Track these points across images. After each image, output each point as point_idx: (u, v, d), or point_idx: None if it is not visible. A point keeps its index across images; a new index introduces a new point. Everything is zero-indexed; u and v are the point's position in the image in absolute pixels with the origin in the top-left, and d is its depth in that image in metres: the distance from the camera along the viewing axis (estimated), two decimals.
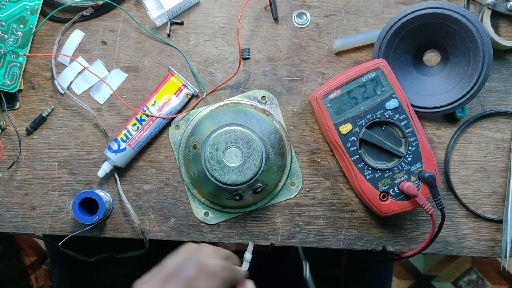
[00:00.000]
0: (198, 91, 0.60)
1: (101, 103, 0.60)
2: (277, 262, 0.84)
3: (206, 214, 0.60)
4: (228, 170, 0.54)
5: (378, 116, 0.55)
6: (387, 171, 0.55)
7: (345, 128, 0.55)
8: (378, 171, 0.55)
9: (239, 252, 0.50)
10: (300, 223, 0.60)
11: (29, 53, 0.59)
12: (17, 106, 0.60)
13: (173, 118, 0.60)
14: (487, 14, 0.57)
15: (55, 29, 0.60)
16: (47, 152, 0.60)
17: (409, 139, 0.55)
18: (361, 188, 0.55)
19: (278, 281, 0.81)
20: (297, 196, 0.60)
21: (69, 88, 0.60)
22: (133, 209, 0.59)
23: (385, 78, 0.54)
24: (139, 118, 0.58)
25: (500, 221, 0.60)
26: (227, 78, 0.59)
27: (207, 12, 0.60)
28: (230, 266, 0.46)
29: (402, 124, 0.55)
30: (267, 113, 0.59)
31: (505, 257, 0.59)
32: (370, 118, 0.55)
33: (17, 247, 1.39)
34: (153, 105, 0.58)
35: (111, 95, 0.60)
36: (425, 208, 0.54)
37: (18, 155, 0.60)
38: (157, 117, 0.58)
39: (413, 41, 0.57)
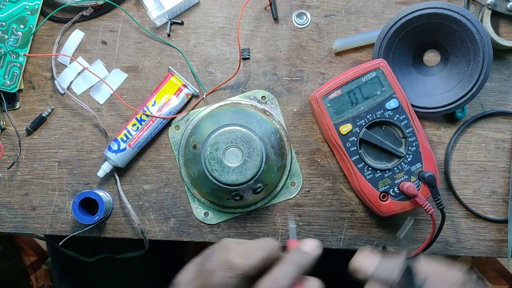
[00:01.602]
0: (198, 91, 0.60)
1: (101, 103, 0.60)
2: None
3: (206, 214, 0.60)
4: (228, 170, 0.54)
5: (378, 116, 0.55)
6: (387, 171, 0.55)
7: (345, 128, 0.55)
8: (378, 171, 0.55)
9: None
10: (300, 223, 0.60)
11: (29, 53, 0.59)
12: (17, 106, 0.60)
13: (173, 118, 0.60)
14: (487, 14, 0.57)
15: (55, 29, 0.60)
16: (47, 152, 0.60)
17: (409, 139, 0.55)
18: (361, 188, 0.55)
19: None
20: (297, 196, 0.60)
21: (69, 88, 0.60)
22: (133, 209, 0.59)
23: (385, 78, 0.54)
24: (139, 118, 0.58)
25: (499, 221, 0.60)
26: (227, 78, 0.59)
27: (207, 12, 0.60)
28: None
29: (402, 124, 0.55)
30: (267, 113, 0.59)
31: (511, 257, 0.59)
32: (370, 118, 0.55)
33: (17, 247, 1.39)
34: (153, 105, 0.58)
35: (111, 95, 0.60)
36: (425, 208, 0.54)
37: (18, 155, 0.60)
38: (157, 117, 0.58)
39: (413, 41, 0.57)
